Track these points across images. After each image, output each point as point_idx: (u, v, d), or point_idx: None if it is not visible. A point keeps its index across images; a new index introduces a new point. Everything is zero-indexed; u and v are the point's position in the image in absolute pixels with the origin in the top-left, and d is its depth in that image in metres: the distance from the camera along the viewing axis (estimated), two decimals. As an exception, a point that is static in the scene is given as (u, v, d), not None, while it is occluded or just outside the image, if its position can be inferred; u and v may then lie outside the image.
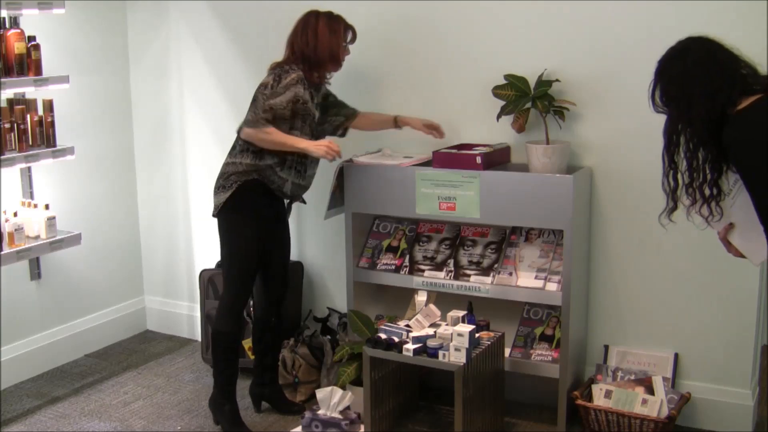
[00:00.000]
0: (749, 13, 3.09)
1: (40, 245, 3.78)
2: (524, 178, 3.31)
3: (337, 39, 3.35)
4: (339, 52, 3.37)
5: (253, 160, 3.31)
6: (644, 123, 3.33)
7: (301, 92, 3.27)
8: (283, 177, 3.34)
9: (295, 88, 3.26)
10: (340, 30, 3.36)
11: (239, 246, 3.38)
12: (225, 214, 3.37)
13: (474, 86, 3.60)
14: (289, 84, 3.25)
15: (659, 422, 3.16)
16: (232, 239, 3.39)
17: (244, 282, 3.42)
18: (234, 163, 3.35)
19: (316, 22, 3.34)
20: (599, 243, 3.51)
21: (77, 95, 4.13)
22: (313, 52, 3.32)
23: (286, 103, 3.24)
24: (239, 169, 3.33)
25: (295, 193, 3.45)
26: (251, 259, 3.40)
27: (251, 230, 3.37)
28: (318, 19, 3.35)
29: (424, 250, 3.67)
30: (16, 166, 3.74)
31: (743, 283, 3.27)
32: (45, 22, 3.91)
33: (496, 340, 3.31)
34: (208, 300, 4.07)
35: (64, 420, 3.64)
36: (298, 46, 3.34)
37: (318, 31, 3.32)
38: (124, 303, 4.61)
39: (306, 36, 3.33)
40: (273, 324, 3.61)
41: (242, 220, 3.37)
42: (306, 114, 3.31)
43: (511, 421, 3.55)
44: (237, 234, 3.38)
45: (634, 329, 3.50)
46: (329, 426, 3.31)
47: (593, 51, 3.38)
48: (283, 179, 3.35)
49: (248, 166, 3.32)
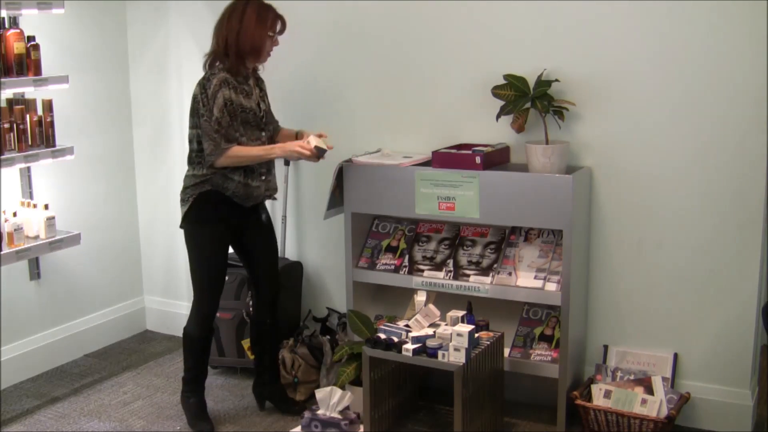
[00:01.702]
0: (749, 13, 3.09)
1: (39, 245, 3.78)
2: (524, 178, 3.31)
3: (263, 29, 3.25)
4: (262, 42, 3.27)
5: (202, 170, 3.31)
6: (644, 123, 3.34)
7: (228, 94, 3.23)
8: (233, 179, 3.30)
9: (220, 92, 3.21)
10: (267, 19, 3.26)
11: (202, 256, 3.41)
12: (186, 226, 3.41)
13: (473, 86, 3.60)
14: (215, 92, 3.20)
15: (659, 422, 3.16)
16: (194, 250, 3.41)
17: (209, 289, 3.45)
18: (189, 176, 3.38)
19: (243, 8, 3.24)
20: (599, 243, 3.51)
21: (77, 95, 4.13)
22: (235, 40, 3.22)
23: (223, 110, 3.20)
24: (193, 182, 3.34)
25: (252, 194, 3.37)
26: (214, 268, 3.43)
27: (213, 240, 3.39)
28: (247, 5, 3.24)
29: (424, 250, 3.67)
30: (16, 166, 3.74)
31: (743, 283, 3.27)
32: (44, 22, 3.91)
33: (495, 340, 3.30)
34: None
35: (63, 420, 3.64)
36: (223, 36, 3.25)
37: (244, 18, 3.22)
38: (124, 303, 4.61)
39: (231, 23, 3.24)
40: (268, 325, 3.62)
41: (202, 231, 3.38)
42: (242, 112, 3.27)
43: (511, 421, 3.55)
44: (198, 245, 3.40)
45: (634, 329, 3.50)
46: (329, 426, 3.31)
47: (593, 51, 3.38)
48: (232, 182, 3.30)
49: (200, 177, 3.31)
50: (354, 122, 3.93)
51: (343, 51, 3.90)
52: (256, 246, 3.54)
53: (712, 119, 3.23)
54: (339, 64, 3.92)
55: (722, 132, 3.22)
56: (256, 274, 3.59)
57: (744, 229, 3.24)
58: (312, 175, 4.08)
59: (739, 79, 3.15)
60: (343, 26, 3.88)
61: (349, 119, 3.94)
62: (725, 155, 3.23)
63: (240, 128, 3.28)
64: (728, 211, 3.26)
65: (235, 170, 3.30)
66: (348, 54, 3.89)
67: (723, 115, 3.21)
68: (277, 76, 4.09)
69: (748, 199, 3.22)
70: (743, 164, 3.20)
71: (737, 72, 3.15)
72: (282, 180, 4.12)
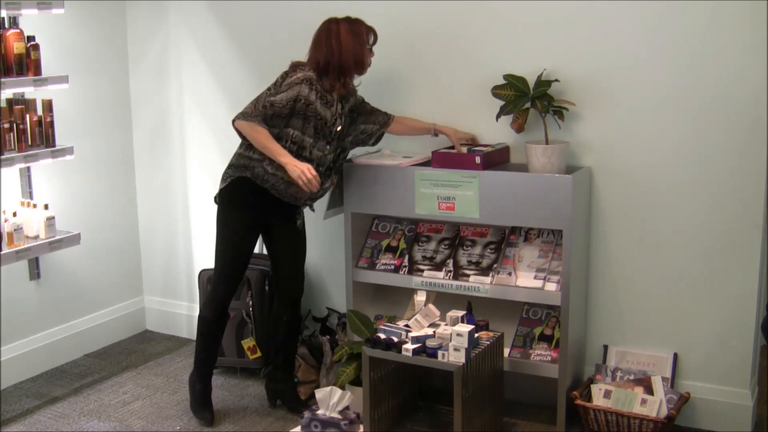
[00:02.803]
0: (749, 13, 3.09)
1: (39, 245, 3.78)
2: (523, 178, 3.31)
3: (361, 43, 3.35)
4: (363, 56, 3.36)
5: (246, 151, 3.35)
6: (644, 123, 3.34)
7: (306, 92, 3.27)
8: (272, 174, 3.32)
9: (299, 87, 3.26)
10: (362, 33, 3.36)
11: (227, 239, 3.45)
12: (219, 205, 3.46)
13: (473, 86, 3.60)
14: (294, 82, 3.27)
15: (658, 422, 3.16)
16: (219, 232, 3.47)
17: (227, 276, 3.49)
18: (237, 154, 3.42)
19: (337, 28, 3.33)
20: (598, 243, 3.51)
21: (76, 95, 4.13)
22: (338, 59, 3.30)
23: (287, 101, 3.24)
24: (238, 162, 3.38)
25: (293, 194, 3.38)
26: (236, 256, 3.46)
27: (241, 226, 3.42)
28: (339, 25, 3.34)
29: (424, 250, 3.67)
30: (16, 166, 3.74)
31: (743, 283, 3.27)
32: (44, 22, 3.91)
33: (495, 340, 3.30)
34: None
35: (63, 420, 3.64)
36: (323, 55, 3.32)
37: (341, 37, 3.31)
38: (124, 303, 4.61)
39: (330, 45, 3.31)
40: (285, 322, 3.63)
41: (232, 214, 3.42)
42: (310, 115, 3.29)
43: (511, 421, 3.55)
44: (224, 229, 3.45)
45: (634, 329, 3.50)
46: (328, 426, 3.31)
47: (593, 51, 3.38)
48: (275, 177, 3.32)
49: (245, 160, 3.35)
50: (354, 122, 3.93)
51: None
52: (285, 246, 3.55)
53: (713, 119, 3.23)
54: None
55: (722, 132, 3.22)
56: (279, 273, 3.61)
57: (744, 229, 3.24)
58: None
59: (740, 79, 3.15)
60: (343, 26, 3.88)
61: (348, 119, 3.94)
62: (725, 155, 3.23)
63: (297, 122, 3.29)
64: (728, 211, 3.26)
65: (279, 167, 3.28)
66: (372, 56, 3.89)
67: (723, 115, 3.21)
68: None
69: (748, 199, 3.22)
70: (743, 164, 3.20)
71: (737, 72, 3.15)
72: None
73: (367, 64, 3.41)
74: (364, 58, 3.37)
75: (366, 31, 3.39)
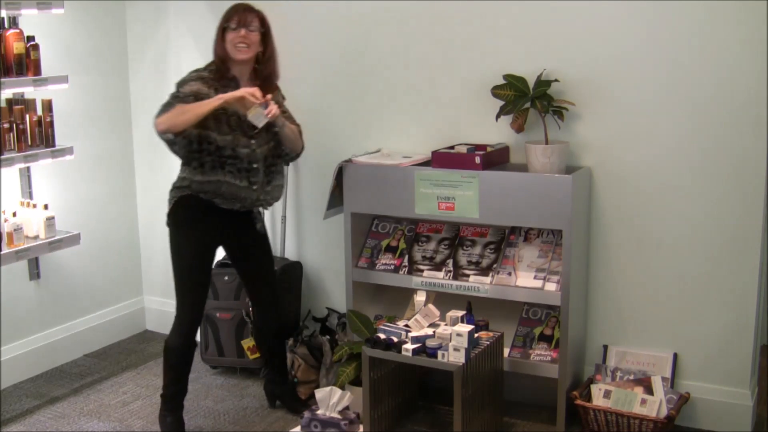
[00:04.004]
0: (749, 13, 3.09)
1: (39, 245, 3.78)
2: (523, 178, 3.31)
3: (218, 34, 3.25)
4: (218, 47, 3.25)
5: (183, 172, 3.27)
6: (644, 123, 3.34)
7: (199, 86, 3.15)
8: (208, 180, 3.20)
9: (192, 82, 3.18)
10: (220, 24, 3.26)
11: (181, 261, 3.32)
12: (169, 229, 3.35)
13: (473, 86, 3.60)
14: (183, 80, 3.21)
15: (658, 422, 3.16)
16: (174, 257, 3.34)
17: (190, 303, 3.35)
18: (178, 178, 3.31)
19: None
20: (598, 243, 3.51)
21: (76, 95, 4.13)
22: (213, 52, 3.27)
23: (188, 94, 3.13)
24: (178, 184, 3.29)
25: (240, 196, 3.24)
26: (195, 274, 3.33)
27: (193, 248, 3.30)
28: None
29: (423, 250, 3.67)
30: (16, 166, 3.74)
31: (743, 283, 3.27)
32: (44, 22, 3.91)
33: (495, 340, 3.30)
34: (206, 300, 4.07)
35: (63, 420, 3.64)
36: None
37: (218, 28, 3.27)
38: (123, 303, 4.61)
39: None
40: (273, 331, 3.62)
41: (182, 236, 3.31)
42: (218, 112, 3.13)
43: (510, 421, 3.55)
44: (178, 251, 3.32)
45: (633, 329, 3.50)
46: (328, 426, 3.31)
47: (592, 51, 3.38)
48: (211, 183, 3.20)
49: (182, 179, 3.27)
50: (354, 122, 3.93)
51: (343, 51, 3.90)
52: (248, 255, 3.47)
53: (713, 119, 3.23)
54: (339, 63, 3.92)
55: (722, 132, 3.22)
56: (251, 283, 3.54)
57: (744, 229, 3.24)
58: (312, 175, 4.08)
59: (740, 78, 3.15)
60: (344, 27, 3.87)
61: (349, 119, 3.94)
62: (725, 155, 3.23)
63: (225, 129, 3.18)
64: (728, 210, 3.26)
65: (213, 168, 3.19)
66: (348, 54, 3.89)
67: (723, 115, 3.21)
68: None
69: (748, 199, 3.22)
70: (743, 164, 3.20)
71: (737, 72, 3.15)
72: (282, 180, 4.12)
73: (231, 52, 3.22)
74: (218, 49, 3.25)
75: (223, 20, 3.25)
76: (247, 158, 3.23)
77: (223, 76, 3.25)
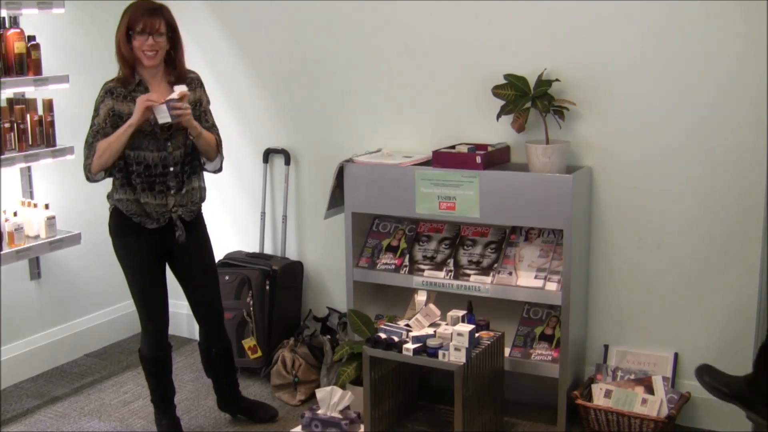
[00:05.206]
0: (749, 13, 3.09)
1: (39, 245, 3.78)
2: (524, 177, 3.31)
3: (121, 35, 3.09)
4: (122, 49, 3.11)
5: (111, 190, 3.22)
6: (644, 123, 3.34)
7: (111, 104, 3.10)
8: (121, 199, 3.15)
9: (103, 102, 3.10)
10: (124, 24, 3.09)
11: (131, 271, 3.26)
12: (111, 237, 3.27)
13: (473, 86, 3.60)
14: (98, 101, 3.12)
15: (659, 422, 3.16)
16: (122, 265, 3.27)
17: (148, 307, 3.30)
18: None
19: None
20: (599, 243, 3.51)
21: (77, 95, 4.12)
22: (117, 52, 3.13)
23: (104, 119, 3.09)
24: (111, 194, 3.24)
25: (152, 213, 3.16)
26: (147, 282, 3.26)
27: (136, 253, 3.22)
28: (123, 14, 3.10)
29: (424, 250, 3.67)
30: (16, 166, 3.74)
31: (743, 282, 3.27)
32: (45, 22, 3.91)
33: (495, 340, 3.30)
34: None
35: (63, 420, 3.64)
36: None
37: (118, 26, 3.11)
38: (124, 303, 4.60)
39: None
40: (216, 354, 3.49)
41: (122, 243, 3.24)
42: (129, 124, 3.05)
43: (511, 421, 3.55)
44: (124, 259, 3.25)
45: (634, 329, 3.50)
46: (329, 425, 3.31)
47: (593, 51, 3.38)
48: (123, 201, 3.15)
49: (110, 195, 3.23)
50: (354, 122, 3.93)
51: (343, 51, 3.90)
52: (187, 271, 3.36)
53: (713, 119, 3.23)
54: (339, 63, 3.92)
55: (722, 132, 3.22)
56: (193, 300, 3.43)
57: (744, 229, 3.24)
58: (313, 175, 4.08)
59: (739, 78, 3.15)
60: (344, 26, 3.88)
61: (349, 119, 3.94)
62: (725, 155, 3.23)
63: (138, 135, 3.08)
64: (728, 210, 3.26)
65: (120, 187, 3.14)
66: (348, 53, 3.89)
67: (723, 115, 3.21)
68: (278, 76, 4.10)
69: (748, 199, 3.22)
70: (743, 164, 3.20)
71: (737, 72, 3.15)
72: (282, 179, 4.12)
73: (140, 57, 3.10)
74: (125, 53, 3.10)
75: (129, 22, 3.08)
76: (161, 162, 3.14)
77: (131, 83, 3.14)
